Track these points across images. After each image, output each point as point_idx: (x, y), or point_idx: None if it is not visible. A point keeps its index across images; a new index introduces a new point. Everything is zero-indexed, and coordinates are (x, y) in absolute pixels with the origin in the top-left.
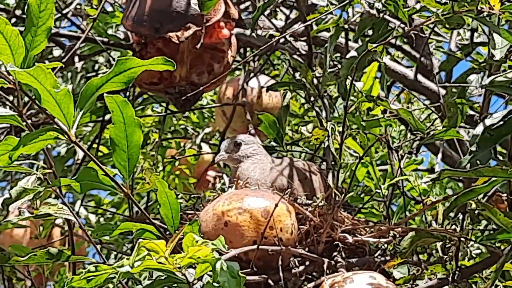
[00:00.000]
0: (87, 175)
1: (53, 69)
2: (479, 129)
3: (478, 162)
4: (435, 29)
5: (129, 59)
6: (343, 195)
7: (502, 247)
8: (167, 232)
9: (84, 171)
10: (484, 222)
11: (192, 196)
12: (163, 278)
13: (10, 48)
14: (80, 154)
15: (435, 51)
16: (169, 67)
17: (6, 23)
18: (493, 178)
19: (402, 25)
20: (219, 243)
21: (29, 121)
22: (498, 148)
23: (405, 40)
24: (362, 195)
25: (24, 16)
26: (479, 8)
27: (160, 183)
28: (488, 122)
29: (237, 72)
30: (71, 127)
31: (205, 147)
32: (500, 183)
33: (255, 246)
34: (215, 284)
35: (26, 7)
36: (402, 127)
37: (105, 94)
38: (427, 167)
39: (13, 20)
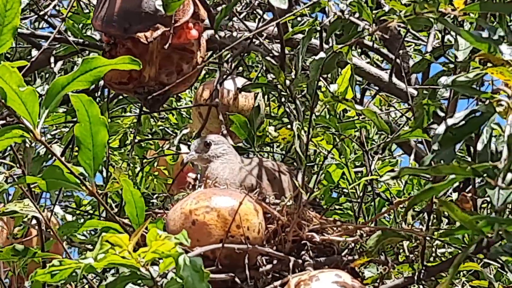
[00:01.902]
0: (52, 174)
1: (20, 68)
2: (441, 128)
3: (442, 161)
4: (414, 32)
5: (95, 58)
6: (309, 194)
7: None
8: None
9: (50, 169)
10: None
11: (161, 195)
12: (127, 274)
13: None
14: (58, 154)
15: (414, 53)
16: (135, 66)
17: None
18: (452, 176)
19: (370, 27)
20: (182, 237)
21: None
22: None
23: (384, 42)
24: (340, 196)
25: None
26: (440, 9)
27: (125, 182)
28: (450, 121)
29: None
30: (36, 126)
31: (184, 148)
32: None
33: (221, 244)
34: (178, 280)
35: None
36: None
37: (70, 93)
38: None
39: None
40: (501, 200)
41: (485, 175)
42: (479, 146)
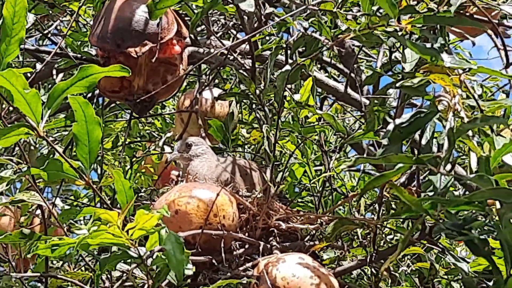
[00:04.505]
0: (53, 166)
1: (27, 79)
2: (391, 127)
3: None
4: (366, 50)
5: (90, 67)
6: (276, 187)
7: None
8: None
9: (51, 162)
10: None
11: (148, 188)
12: (118, 253)
13: None
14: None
15: (366, 69)
16: (125, 73)
17: None
18: (400, 165)
19: (330, 43)
20: (163, 210)
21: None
22: None
23: (340, 59)
24: (302, 191)
25: None
26: (390, 23)
27: (117, 173)
28: (398, 121)
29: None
30: (39, 124)
31: (167, 149)
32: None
33: (199, 231)
34: (163, 257)
35: (1, 20)
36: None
37: (69, 96)
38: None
39: None
40: (443, 184)
41: (428, 164)
42: (423, 141)
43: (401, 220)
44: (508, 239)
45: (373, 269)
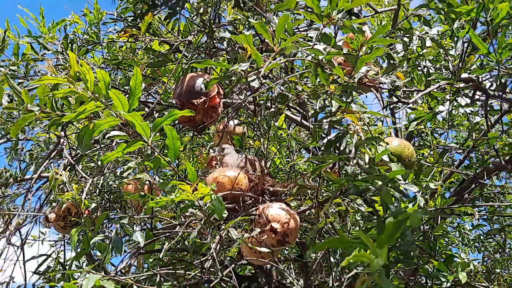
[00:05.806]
0: (156, 160)
1: (142, 114)
2: (325, 141)
3: (321, 155)
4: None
5: (173, 110)
6: (267, 170)
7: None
8: None
9: (154, 158)
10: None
11: (202, 170)
12: (189, 204)
13: (122, 105)
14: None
15: (311, 108)
16: (191, 114)
17: (120, 93)
18: (330, 160)
19: (294, 97)
20: (213, 185)
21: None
22: None
23: (298, 104)
24: (279, 171)
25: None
26: (325, 88)
27: (187, 164)
28: (328, 138)
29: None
30: (148, 139)
31: (211, 151)
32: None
33: (229, 192)
34: (211, 206)
35: (129, 88)
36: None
37: (163, 125)
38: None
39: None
40: (351, 171)
41: (344, 160)
42: (342, 148)
43: (332, 186)
44: (384, 200)
45: (317, 210)
